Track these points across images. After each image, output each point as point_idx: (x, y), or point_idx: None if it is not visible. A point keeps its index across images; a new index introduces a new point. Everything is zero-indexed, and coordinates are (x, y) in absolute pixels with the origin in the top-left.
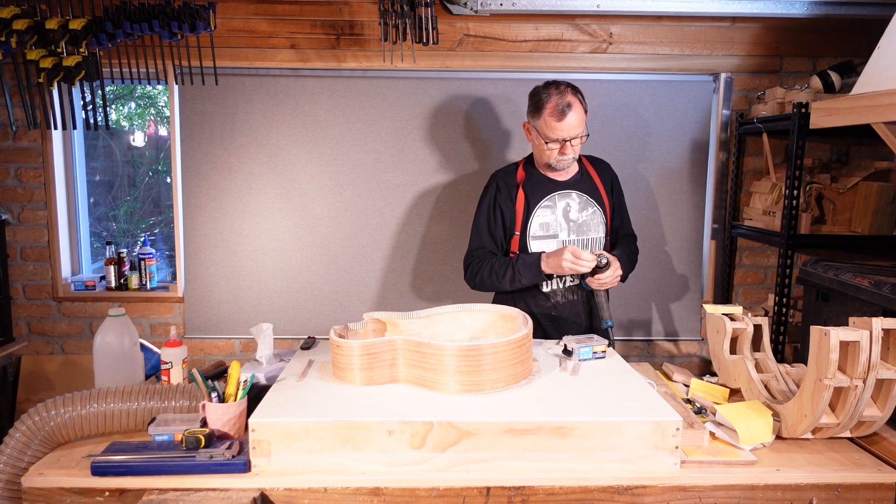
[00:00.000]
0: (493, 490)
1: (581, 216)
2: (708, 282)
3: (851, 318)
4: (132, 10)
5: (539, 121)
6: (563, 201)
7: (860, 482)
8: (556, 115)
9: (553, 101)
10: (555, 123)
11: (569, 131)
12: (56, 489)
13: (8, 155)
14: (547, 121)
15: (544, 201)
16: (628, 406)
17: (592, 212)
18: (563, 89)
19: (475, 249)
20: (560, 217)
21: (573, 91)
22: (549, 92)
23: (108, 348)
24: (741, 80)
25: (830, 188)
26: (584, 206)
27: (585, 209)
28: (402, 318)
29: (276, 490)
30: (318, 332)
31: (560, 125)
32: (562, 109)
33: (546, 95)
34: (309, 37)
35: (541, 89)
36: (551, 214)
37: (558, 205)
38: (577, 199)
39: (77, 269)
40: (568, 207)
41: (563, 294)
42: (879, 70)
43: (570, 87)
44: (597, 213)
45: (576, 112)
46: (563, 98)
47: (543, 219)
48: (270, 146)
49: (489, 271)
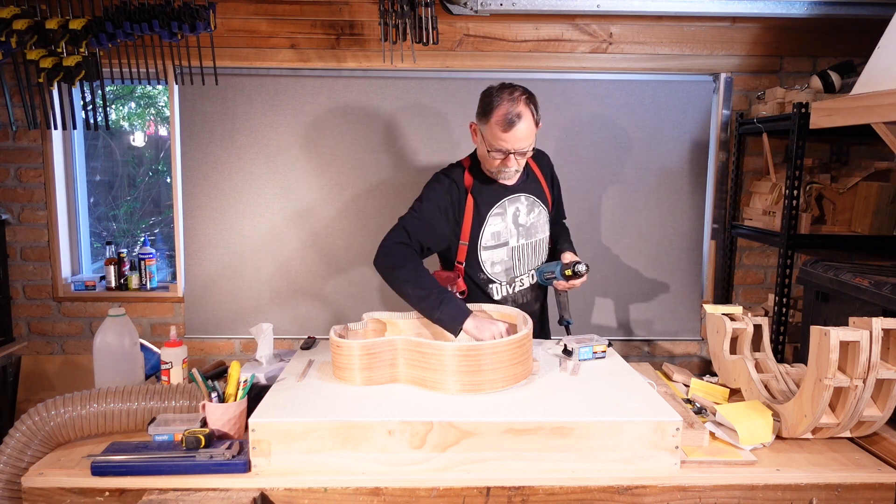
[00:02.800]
0: (493, 490)
1: (528, 219)
2: (708, 282)
3: (851, 318)
4: (132, 10)
5: (485, 126)
6: (512, 206)
7: (860, 482)
8: (504, 124)
9: (503, 108)
10: (500, 133)
11: (514, 143)
12: (56, 489)
13: (8, 155)
14: (493, 128)
15: (495, 209)
16: (628, 406)
17: (538, 213)
18: (517, 97)
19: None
20: (510, 223)
21: (527, 100)
22: (501, 97)
23: (108, 348)
24: (741, 80)
25: (830, 188)
26: (531, 208)
27: (532, 211)
28: (402, 318)
29: (276, 490)
30: (318, 332)
31: (506, 136)
32: (510, 119)
33: (497, 100)
34: (309, 37)
35: (494, 91)
36: (502, 222)
37: (508, 210)
38: (525, 201)
39: (77, 269)
40: (517, 212)
41: (513, 300)
42: (879, 70)
43: (525, 94)
44: (542, 212)
45: (525, 124)
46: (514, 107)
47: (495, 227)
48: (270, 146)
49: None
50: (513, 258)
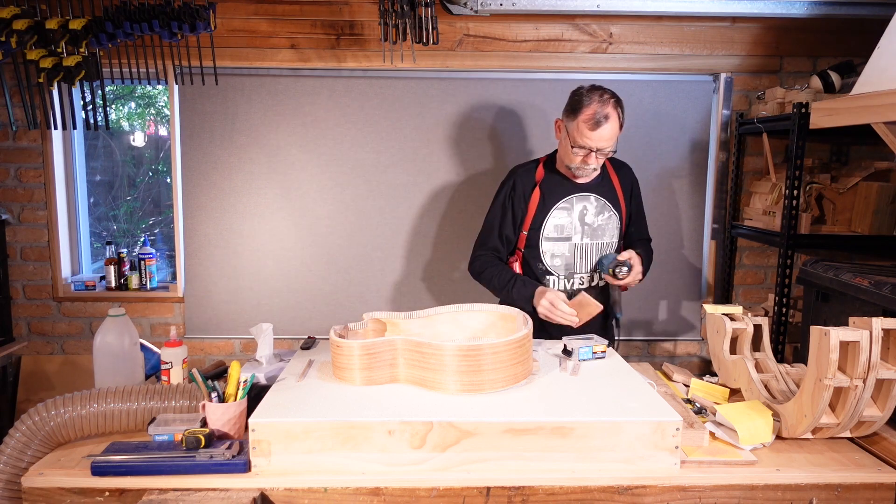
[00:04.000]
0: (493, 490)
1: (597, 220)
2: (708, 282)
3: (851, 318)
4: (132, 10)
5: (572, 123)
6: (580, 204)
7: (860, 482)
8: (592, 123)
9: (593, 108)
10: (587, 131)
11: (599, 142)
12: (56, 489)
13: (8, 155)
14: (580, 126)
15: (561, 203)
16: (628, 406)
17: (608, 216)
18: (606, 99)
19: (483, 247)
20: (576, 220)
21: (615, 103)
22: (591, 97)
23: (108, 348)
24: (741, 80)
25: (830, 188)
26: (600, 210)
27: (601, 213)
28: (401, 318)
29: (276, 490)
30: (318, 332)
31: (592, 135)
32: (598, 120)
33: (588, 100)
34: (309, 37)
35: (584, 92)
36: (567, 217)
37: (575, 207)
38: (595, 202)
39: (77, 269)
40: (584, 211)
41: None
42: (879, 70)
43: (614, 97)
44: (612, 217)
45: (611, 125)
46: (603, 108)
47: (559, 220)
48: (270, 146)
49: (489, 278)
50: (574, 254)
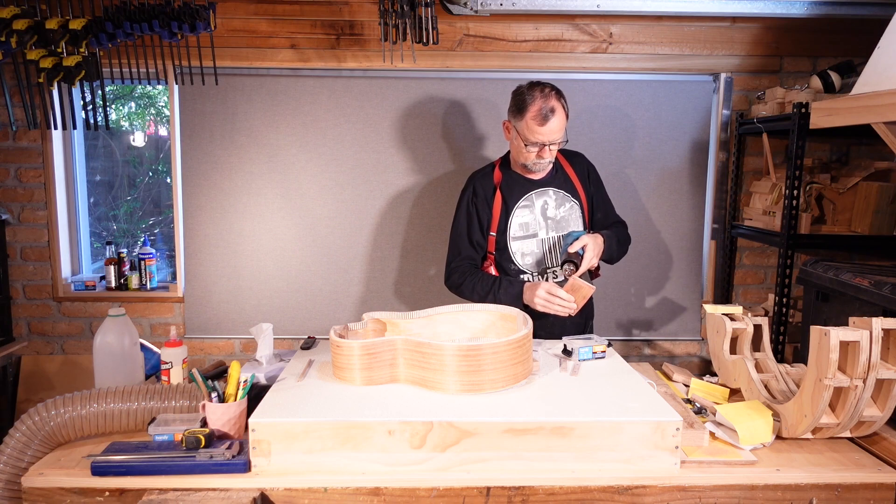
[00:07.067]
0: (493, 490)
1: (559, 213)
2: (708, 282)
3: (851, 318)
4: (132, 10)
5: (520, 122)
6: (540, 200)
7: (860, 482)
8: (539, 119)
9: (538, 104)
10: (536, 127)
11: (550, 136)
12: (56, 489)
13: (8, 155)
14: (528, 124)
15: (522, 201)
16: (628, 406)
17: (570, 207)
18: (548, 93)
19: (456, 258)
20: (538, 216)
21: (557, 95)
22: (533, 94)
23: (108, 348)
24: (741, 80)
25: (830, 188)
26: (560, 202)
27: (563, 205)
28: (402, 318)
29: (276, 490)
30: (318, 332)
31: (542, 129)
32: (545, 114)
33: (531, 98)
34: (309, 37)
35: (525, 90)
36: (530, 214)
37: (536, 203)
38: (554, 195)
39: (77, 269)
40: (546, 205)
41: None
42: (879, 70)
43: (555, 90)
44: (574, 207)
45: (558, 117)
46: (547, 102)
47: (522, 219)
48: (270, 146)
49: (471, 289)
50: (543, 249)
